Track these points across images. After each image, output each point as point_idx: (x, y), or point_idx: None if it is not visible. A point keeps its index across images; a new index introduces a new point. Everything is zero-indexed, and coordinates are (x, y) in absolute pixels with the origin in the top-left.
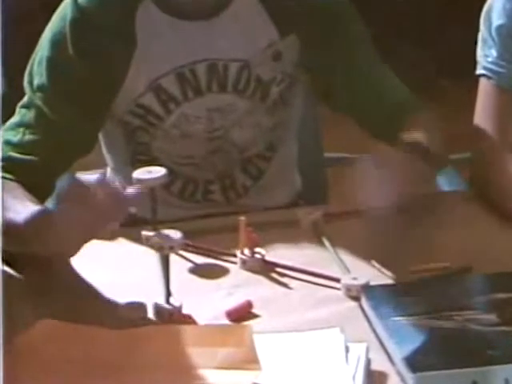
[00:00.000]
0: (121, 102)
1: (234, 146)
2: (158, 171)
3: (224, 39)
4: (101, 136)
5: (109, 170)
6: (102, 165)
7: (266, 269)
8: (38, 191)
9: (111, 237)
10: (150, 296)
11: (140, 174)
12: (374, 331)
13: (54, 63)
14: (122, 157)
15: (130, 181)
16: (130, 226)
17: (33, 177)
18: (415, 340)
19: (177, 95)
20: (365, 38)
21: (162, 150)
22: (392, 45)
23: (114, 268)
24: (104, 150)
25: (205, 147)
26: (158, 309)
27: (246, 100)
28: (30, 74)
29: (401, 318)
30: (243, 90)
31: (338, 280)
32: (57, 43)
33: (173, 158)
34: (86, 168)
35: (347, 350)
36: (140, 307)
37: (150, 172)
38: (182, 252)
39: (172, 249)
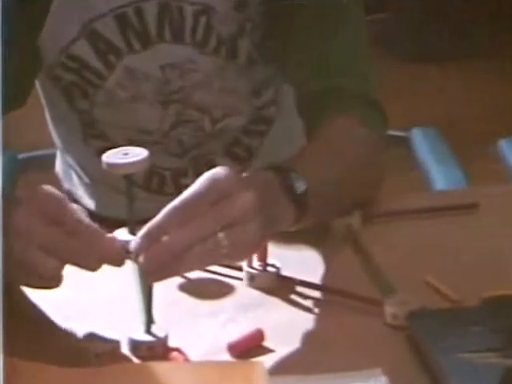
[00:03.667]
0: (50, 48)
1: (201, 114)
2: (138, 154)
3: None
4: (46, 108)
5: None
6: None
7: (282, 287)
8: None
9: None
10: (125, 323)
11: (112, 156)
12: (429, 372)
13: None
14: (71, 132)
15: (83, 163)
16: None
17: None
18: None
19: (118, 44)
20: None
21: (110, 122)
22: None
23: (76, 285)
24: (50, 127)
25: (161, 115)
26: (134, 341)
27: (208, 57)
28: None
29: (467, 355)
30: (203, 43)
31: (379, 303)
32: None
33: (126, 133)
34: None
35: None
36: (110, 339)
37: (126, 154)
38: None
39: None
